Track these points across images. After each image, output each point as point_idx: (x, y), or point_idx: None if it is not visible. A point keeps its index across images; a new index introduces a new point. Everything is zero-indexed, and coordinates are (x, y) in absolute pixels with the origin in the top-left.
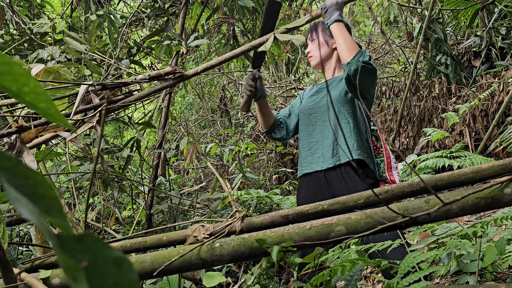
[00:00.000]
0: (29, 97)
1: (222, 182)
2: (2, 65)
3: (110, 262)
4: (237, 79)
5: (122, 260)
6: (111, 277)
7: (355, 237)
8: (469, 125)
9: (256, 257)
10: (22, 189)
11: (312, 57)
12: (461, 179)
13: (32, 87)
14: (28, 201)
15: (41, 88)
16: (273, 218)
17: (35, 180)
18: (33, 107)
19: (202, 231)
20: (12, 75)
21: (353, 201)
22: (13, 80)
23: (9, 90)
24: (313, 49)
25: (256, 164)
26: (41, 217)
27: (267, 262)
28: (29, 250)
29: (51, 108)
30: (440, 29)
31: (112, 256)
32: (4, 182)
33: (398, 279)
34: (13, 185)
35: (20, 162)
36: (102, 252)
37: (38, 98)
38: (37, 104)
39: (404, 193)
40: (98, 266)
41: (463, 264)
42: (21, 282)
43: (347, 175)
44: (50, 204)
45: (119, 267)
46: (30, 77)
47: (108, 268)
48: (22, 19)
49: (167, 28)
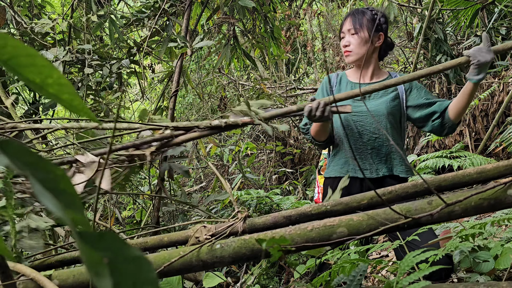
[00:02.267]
0: (53, 88)
1: (223, 181)
2: (25, 57)
3: (130, 261)
4: (237, 79)
5: (141, 259)
6: (130, 275)
7: (357, 238)
8: (469, 125)
9: (257, 259)
10: (44, 184)
11: (351, 53)
12: (466, 180)
13: (55, 78)
14: (52, 196)
15: (65, 80)
16: (275, 219)
17: (56, 175)
18: (56, 99)
19: (204, 232)
20: (35, 67)
21: (356, 202)
22: (37, 72)
23: (33, 83)
24: (354, 44)
25: (256, 164)
26: (65, 212)
27: (267, 262)
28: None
29: (75, 99)
30: (440, 29)
31: (132, 255)
32: (30, 176)
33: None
34: (37, 179)
35: (41, 157)
36: (122, 250)
37: (62, 89)
38: (60, 95)
39: (408, 194)
40: (118, 264)
41: (475, 264)
42: (27, 278)
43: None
44: (71, 199)
45: (138, 266)
46: (53, 68)
47: (127, 267)
48: (23, 19)
49: (168, 28)
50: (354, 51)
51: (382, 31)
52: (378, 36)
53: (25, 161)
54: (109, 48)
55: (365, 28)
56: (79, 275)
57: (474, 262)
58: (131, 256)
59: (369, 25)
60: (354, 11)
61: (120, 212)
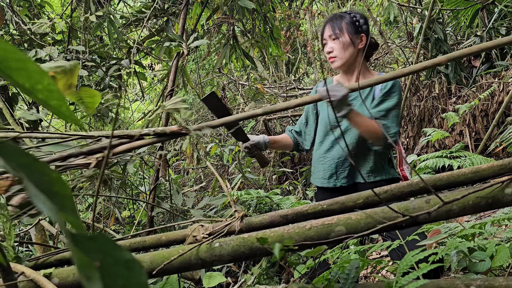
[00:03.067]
0: (42, 94)
1: (222, 182)
2: (16, 61)
3: (121, 264)
4: (237, 79)
5: (132, 262)
6: (121, 278)
7: (355, 236)
8: (469, 125)
9: (256, 257)
10: (38, 186)
11: (335, 58)
12: (461, 179)
13: (45, 84)
14: (46, 198)
15: (54, 86)
16: (272, 218)
17: (51, 177)
18: (45, 105)
19: (202, 231)
20: (26, 72)
21: (352, 201)
22: (26, 77)
23: (22, 87)
24: (337, 49)
25: (256, 164)
26: (59, 214)
27: (267, 262)
28: (29, 250)
29: (63, 106)
30: (440, 29)
31: (123, 258)
32: (24, 178)
33: (397, 278)
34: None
35: (36, 159)
36: (113, 252)
37: (51, 95)
38: (49, 101)
39: (403, 193)
40: (109, 266)
41: (471, 263)
42: (27, 278)
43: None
44: (64, 201)
45: (129, 268)
46: (44, 74)
47: (118, 269)
48: (22, 19)
49: (167, 28)
50: (338, 56)
51: (363, 32)
52: (360, 38)
53: (20, 162)
54: (108, 48)
55: (345, 32)
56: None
57: (470, 262)
58: (122, 259)
59: (349, 28)
60: (332, 16)
61: (120, 212)
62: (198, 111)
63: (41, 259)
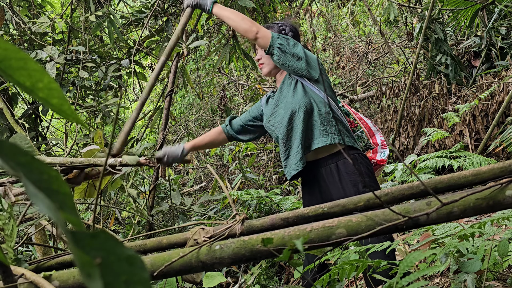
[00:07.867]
0: (43, 93)
1: (221, 183)
2: (17, 60)
3: (123, 260)
4: (237, 79)
5: (134, 259)
6: (123, 274)
7: (355, 238)
8: (469, 125)
9: (256, 260)
10: (37, 184)
11: (262, 65)
12: (461, 182)
13: (46, 82)
14: (44, 196)
15: (55, 84)
16: (273, 221)
17: (50, 175)
18: (46, 103)
19: (202, 234)
20: (26, 71)
21: (353, 204)
22: (27, 76)
23: (23, 86)
24: (264, 57)
25: (256, 164)
26: (58, 212)
27: (267, 262)
28: (29, 250)
29: (64, 104)
30: (440, 29)
31: (125, 254)
32: (22, 177)
33: (397, 279)
34: (30, 180)
35: (35, 158)
36: (115, 249)
37: (52, 94)
38: (50, 100)
39: (404, 196)
40: (111, 264)
41: (461, 264)
42: (27, 281)
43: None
44: (64, 199)
45: (131, 265)
46: (44, 72)
47: (120, 266)
48: (22, 19)
49: (167, 28)
50: (265, 62)
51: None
52: None
53: (18, 161)
54: (108, 48)
55: None
56: (79, 276)
57: (460, 263)
58: (124, 255)
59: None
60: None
61: (120, 212)
62: (198, 111)
63: (41, 262)
